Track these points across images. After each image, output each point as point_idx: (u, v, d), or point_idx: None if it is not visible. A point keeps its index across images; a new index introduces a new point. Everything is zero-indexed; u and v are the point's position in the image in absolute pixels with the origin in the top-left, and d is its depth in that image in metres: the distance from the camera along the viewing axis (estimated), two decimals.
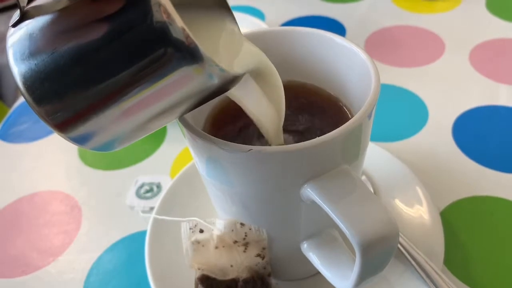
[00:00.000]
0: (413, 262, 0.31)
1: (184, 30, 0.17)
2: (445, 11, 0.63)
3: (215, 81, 0.20)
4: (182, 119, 0.25)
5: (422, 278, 0.31)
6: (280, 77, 0.27)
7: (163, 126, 0.23)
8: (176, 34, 0.17)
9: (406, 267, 0.32)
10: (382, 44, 0.58)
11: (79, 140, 0.21)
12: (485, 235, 0.36)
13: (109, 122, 0.20)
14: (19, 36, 0.20)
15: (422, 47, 0.57)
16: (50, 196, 0.44)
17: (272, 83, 0.26)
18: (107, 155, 0.48)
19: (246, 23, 0.56)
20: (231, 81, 0.21)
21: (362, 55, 0.28)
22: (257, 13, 0.68)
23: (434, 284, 0.30)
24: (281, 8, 0.69)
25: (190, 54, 0.18)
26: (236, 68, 0.22)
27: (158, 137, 0.49)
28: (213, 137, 0.24)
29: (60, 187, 0.45)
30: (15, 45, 0.20)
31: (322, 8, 0.67)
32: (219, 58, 0.20)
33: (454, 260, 0.34)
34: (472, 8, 0.63)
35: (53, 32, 0.19)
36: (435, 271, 0.30)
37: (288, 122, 0.31)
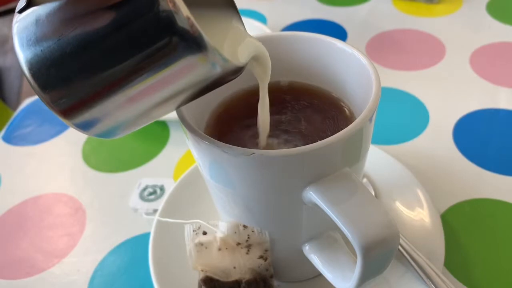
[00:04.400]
0: (413, 264, 0.32)
1: (189, 19, 0.18)
2: (446, 15, 0.63)
3: (218, 70, 0.20)
4: (185, 122, 0.26)
5: (423, 279, 0.31)
6: (282, 78, 0.30)
7: (166, 114, 0.23)
8: (181, 23, 0.18)
9: (407, 268, 0.32)
10: (383, 48, 0.59)
11: (84, 127, 0.21)
12: (485, 237, 0.36)
13: (114, 109, 0.21)
14: (25, 22, 0.20)
15: (423, 51, 0.57)
16: (54, 198, 0.45)
17: (265, 65, 0.27)
18: (110, 158, 0.48)
19: (248, 27, 0.56)
20: (233, 72, 0.21)
21: (363, 59, 0.28)
22: (259, 17, 0.69)
23: (435, 285, 0.30)
24: (283, 12, 0.70)
25: (194, 43, 0.18)
26: (239, 58, 0.22)
27: (161, 140, 0.49)
28: (216, 140, 0.24)
29: (64, 189, 0.45)
30: (21, 31, 0.20)
31: (324, 12, 0.68)
32: (223, 49, 0.20)
33: (454, 262, 0.34)
34: (472, 12, 0.63)
35: (60, 19, 0.19)
36: (436, 273, 0.31)
37: (291, 122, 0.31)
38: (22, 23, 0.20)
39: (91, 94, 0.20)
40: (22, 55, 0.20)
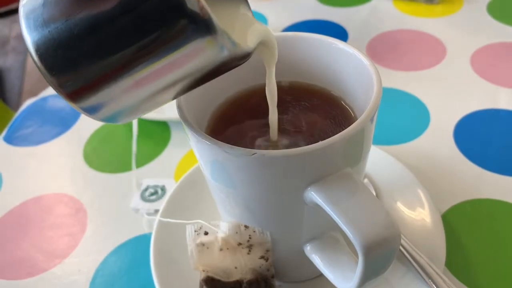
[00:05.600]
0: (415, 264, 0.32)
1: (199, 1, 0.18)
2: (447, 15, 0.63)
3: (226, 53, 0.20)
4: (186, 122, 0.26)
5: (424, 280, 0.31)
6: (283, 78, 0.30)
7: (171, 100, 0.23)
8: (191, 5, 0.18)
9: (408, 269, 0.32)
10: (383, 48, 0.59)
11: (90, 110, 0.21)
12: (486, 237, 0.36)
13: (121, 93, 0.20)
14: (32, 4, 0.20)
15: (424, 51, 0.57)
16: (55, 198, 0.45)
17: (272, 49, 0.27)
18: (111, 158, 0.48)
19: None
20: (241, 57, 0.21)
21: (364, 60, 0.28)
22: (260, 17, 0.69)
23: (436, 285, 0.30)
24: (284, 13, 0.70)
25: (204, 26, 0.18)
26: (247, 43, 0.22)
27: (163, 141, 0.49)
28: (217, 140, 0.24)
29: (65, 190, 0.46)
30: (28, 13, 0.20)
31: (324, 13, 0.68)
32: (232, 33, 0.20)
33: (455, 262, 0.34)
34: (473, 12, 0.63)
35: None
36: (437, 273, 0.31)
37: (292, 122, 0.31)
38: (29, 5, 0.20)
39: (99, 77, 0.20)
40: (29, 37, 0.20)
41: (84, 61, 0.19)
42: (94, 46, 0.19)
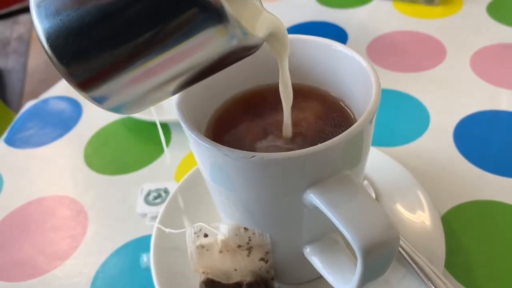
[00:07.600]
0: (414, 266, 0.32)
1: None
2: (446, 16, 0.63)
3: (235, 43, 0.20)
4: (186, 124, 0.26)
5: (423, 281, 0.31)
6: None
7: (179, 91, 0.23)
8: None
9: (407, 270, 0.32)
10: (383, 49, 0.59)
11: (100, 100, 0.21)
12: (486, 239, 0.36)
13: (130, 82, 0.20)
14: None
15: (424, 52, 0.57)
16: (56, 200, 0.45)
17: (283, 40, 0.27)
18: (112, 160, 0.48)
19: None
20: (251, 47, 0.21)
21: (363, 62, 0.28)
22: None
23: (436, 287, 0.30)
24: (283, 14, 0.70)
25: (216, 14, 0.18)
26: (257, 33, 0.22)
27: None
28: (217, 143, 0.24)
29: (66, 192, 0.46)
30: (39, 1, 0.20)
31: (324, 14, 0.68)
32: (243, 22, 0.20)
33: (455, 263, 0.34)
34: (473, 13, 0.63)
35: None
36: (436, 275, 0.31)
37: (292, 124, 0.31)
38: None
39: (109, 66, 0.20)
40: (40, 26, 0.19)
41: (95, 49, 0.19)
42: (105, 34, 0.19)
